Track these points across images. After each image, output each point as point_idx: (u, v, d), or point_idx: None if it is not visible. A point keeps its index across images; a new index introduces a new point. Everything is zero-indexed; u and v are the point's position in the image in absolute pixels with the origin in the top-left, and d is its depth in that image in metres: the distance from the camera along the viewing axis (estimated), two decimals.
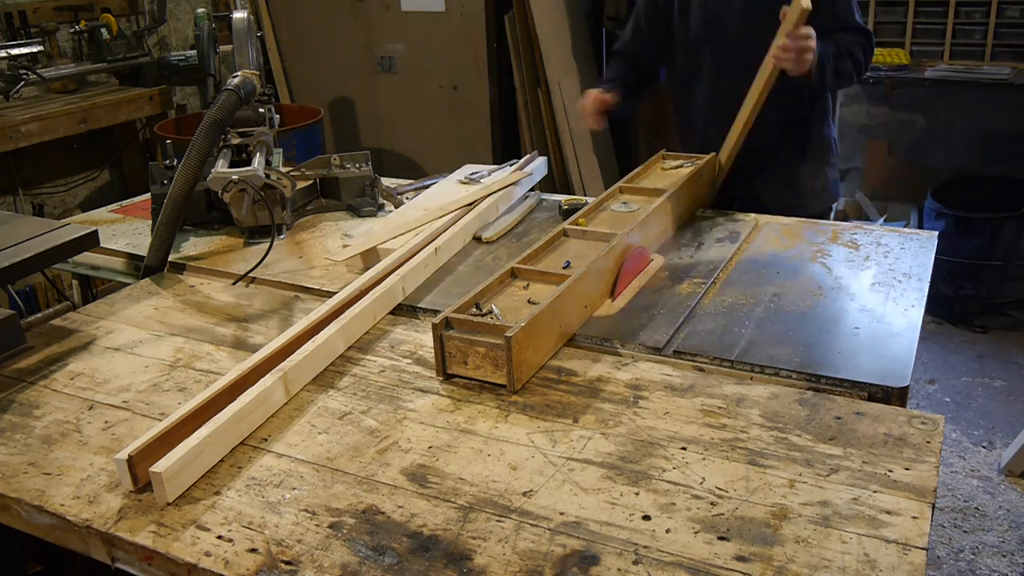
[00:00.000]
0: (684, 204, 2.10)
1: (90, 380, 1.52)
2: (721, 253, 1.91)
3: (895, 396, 1.35)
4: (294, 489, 1.19)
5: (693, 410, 1.33)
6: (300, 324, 1.56)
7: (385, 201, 2.35)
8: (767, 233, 2.02)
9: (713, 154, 2.28)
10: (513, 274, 1.67)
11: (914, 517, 1.08)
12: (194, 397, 1.34)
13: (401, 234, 1.98)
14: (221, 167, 2.00)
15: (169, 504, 1.17)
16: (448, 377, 1.46)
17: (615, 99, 2.40)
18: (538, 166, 2.45)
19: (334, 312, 1.61)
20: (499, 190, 2.23)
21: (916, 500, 1.11)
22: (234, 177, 1.96)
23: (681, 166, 2.29)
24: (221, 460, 1.26)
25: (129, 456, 1.19)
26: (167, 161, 2.23)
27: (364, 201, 2.31)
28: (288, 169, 2.28)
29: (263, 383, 1.37)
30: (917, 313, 1.61)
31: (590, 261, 1.62)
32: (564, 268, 1.68)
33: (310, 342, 1.49)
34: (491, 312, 1.51)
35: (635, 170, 2.23)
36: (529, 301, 1.56)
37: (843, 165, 4.33)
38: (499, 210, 2.20)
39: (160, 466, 1.17)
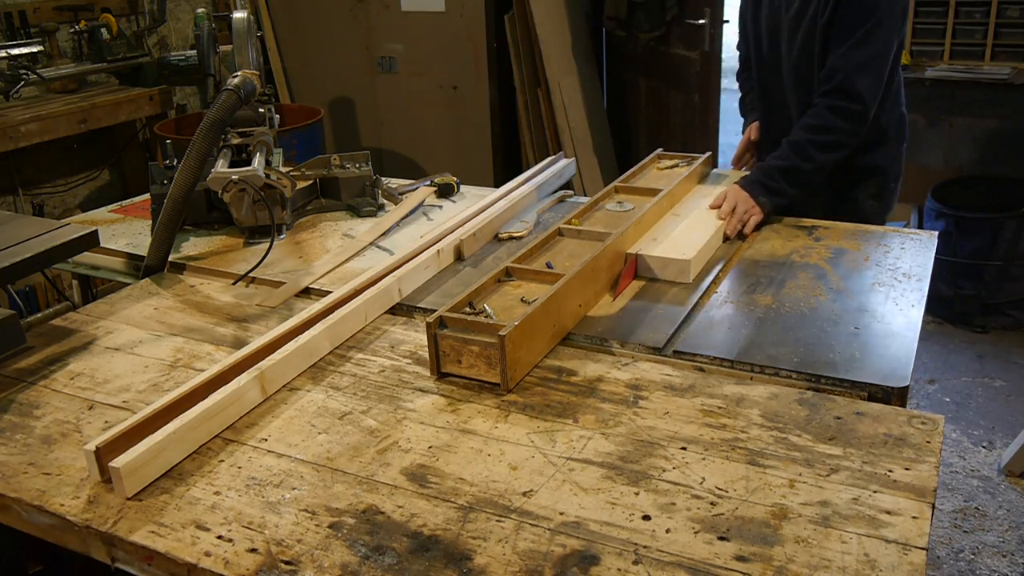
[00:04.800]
0: (681, 203, 2.10)
1: (90, 380, 1.52)
2: (721, 253, 1.91)
3: (895, 396, 1.35)
4: (294, 489, 1.19)
5: (693, 410, 1.33)
6: (288, 323, 1.57)
7: (385, 201, 2.35)
8: (767, 233, 2.02)
9: (709, 153, 2.29)
10: (508, 273, 1.67)
11: (914, 517, 1.08)
12: (169, 392, 1.35)
13: (333, 268, 1.92)
14: (221, 167, 2.00)
15: (131, 498, 1.17)
16: (441, 376, 1.46)
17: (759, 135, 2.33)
18: (559, 169, 2.42)
19: (324, 311, 1.61)
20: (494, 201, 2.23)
21: (916, 500, 1.11)
22: (234, 177, 1.96)
23: (676, 165, 2.29)
24: (221, 460, 1.26)
25: (97, 448, 1.20)
26: (167, 161, 2.23)
27: (364, 201, 2.31)
28: (288, 169, 2.28)
29: (237, 381, 1.37)
30: (917, 313, 1.61)
31: (584, 260, 1.63)
32: (547, 269, 1.69)
33: (292, 341, 1.50)
34: (484, 311, 1.51)
35: (631, 169, 2.23)
36: (522, 300, 1.57)
37: None
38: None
39: (119, 461, 1.17)
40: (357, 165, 2.37)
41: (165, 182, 2.12)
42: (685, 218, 1.99)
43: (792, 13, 2.09)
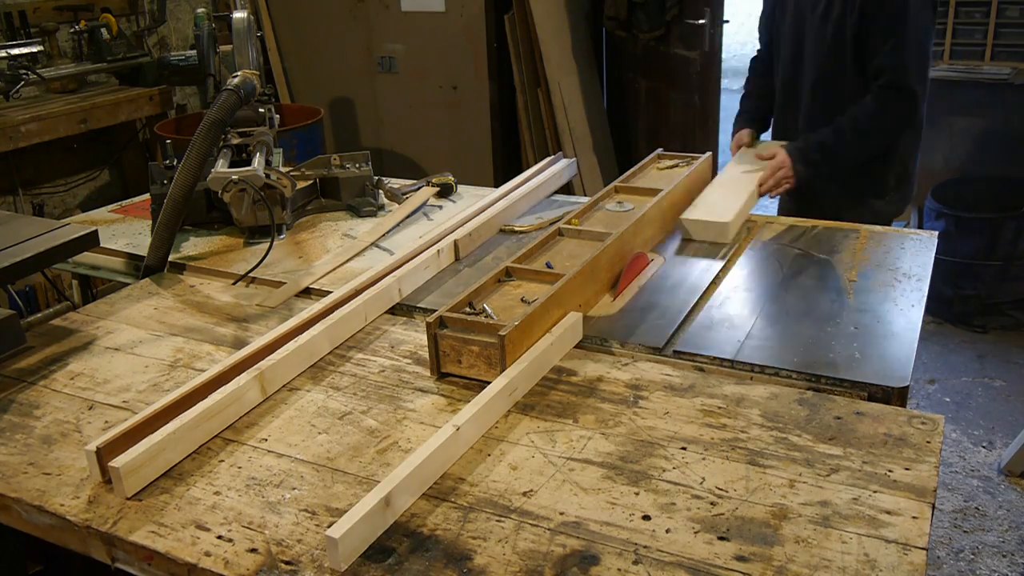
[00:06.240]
0: (680, 204, 2.10)
1: (90, 380, 1.52)
2: (720, 253, 1.91)
3: (895, 396, 1.35)
4: (294, 489, 1.19)
5: (693, 410, 1.33)
6: (288, 323, 1.57)
7: (387, 201, 2.35)
8: (766, 233, 2.02)
9: (709, 153, 2.29)
10: (508, 273, 1.67)
11: (914, 517, 1.08)
12: (170, 392, 1.35)
13: (334, 268, 1.93)
14: (221, 167, 2.00)
15: (131, 498, 1.17)
16: (441, 375, 1.46)
17: (751, 138, 2.44)
18: (559, 170, 2.42)
19: (324, 311, 1.61)
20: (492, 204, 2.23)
21: (916, 500, 1.11)
22: (234, 177, 1.96)
23: (676, 165, 2.29)
24: (221, 460, 1.26)
25: (97, 448, 1.20)
26: (167, 161, 2.23)
27: (364, 201, 2.31)
28: (288, 169, 2.28)
29: (237, 381, 1.37)
30: (917, 313, 1.61)
31: (584, 260, 1.62)
32: (547, 269, 1.69)
33: (292, 341, 1.50)
34: (484, 311, 1.51)
35: (631, 169, 2.24)
36: (522, 300, 1.57)
37: None
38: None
39: (119, 461, 1.18)
40: (357, 165, 2.37)
41: (165, 182, 2.12)
42: (718, 186, 2.15)
43: (819, 12, 2.18)
